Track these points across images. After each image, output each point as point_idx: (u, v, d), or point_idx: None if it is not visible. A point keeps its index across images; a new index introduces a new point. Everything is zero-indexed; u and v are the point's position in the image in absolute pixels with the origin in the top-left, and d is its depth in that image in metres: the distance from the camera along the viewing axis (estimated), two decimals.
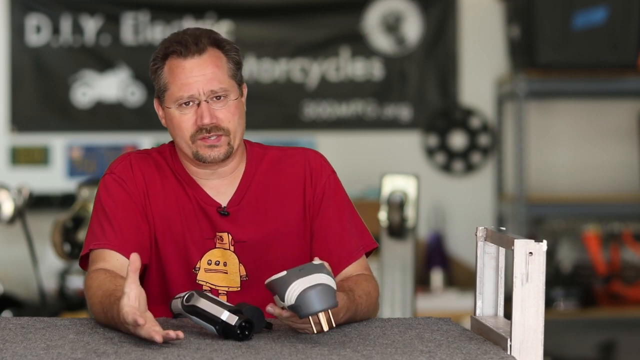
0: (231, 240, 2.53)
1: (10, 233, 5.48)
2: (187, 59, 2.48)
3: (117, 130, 6.33)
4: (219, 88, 2.48)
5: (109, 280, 2.37)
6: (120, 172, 2.55)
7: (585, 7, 5.86)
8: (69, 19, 6.29)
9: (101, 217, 2.50)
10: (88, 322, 2.36)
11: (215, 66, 2.49)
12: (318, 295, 2.11)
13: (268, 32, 6.40)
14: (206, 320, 2.18)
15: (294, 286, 2.12)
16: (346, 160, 6.24)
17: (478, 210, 6.38)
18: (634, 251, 6.29)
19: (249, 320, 2.15)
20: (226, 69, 2.51)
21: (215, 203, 2.55)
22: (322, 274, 2.14)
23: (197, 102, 2.48)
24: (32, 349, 2.07)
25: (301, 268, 2.15)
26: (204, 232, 2.53)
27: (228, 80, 2.51)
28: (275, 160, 2.63)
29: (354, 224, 2.62)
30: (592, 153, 6.44)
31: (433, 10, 6.41)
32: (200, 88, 2.47)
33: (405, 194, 4.62)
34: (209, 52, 2.50)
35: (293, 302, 2.12)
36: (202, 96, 2.47)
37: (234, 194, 2.56)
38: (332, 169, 2.69)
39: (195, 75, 2.47)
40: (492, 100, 6.45)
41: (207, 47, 2.50)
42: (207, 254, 2.53)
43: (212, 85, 2.47)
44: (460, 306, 5.53)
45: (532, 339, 2.07)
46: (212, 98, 2.48)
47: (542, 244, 2.06)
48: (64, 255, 4.19)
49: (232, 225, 2.53)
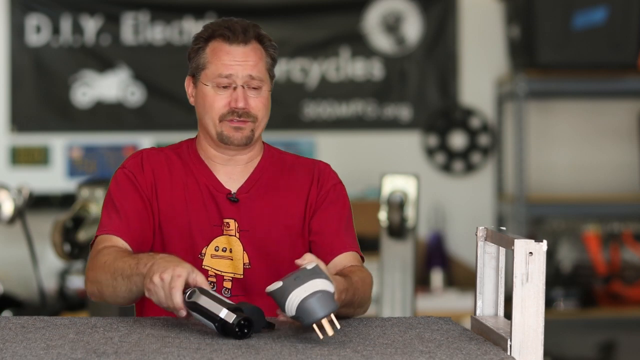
0: (237, 228, 2.59)
1: (10, 233, 5.49)
2: (232, 45, 2.60)
3: (117, 130, 6.33)
4: (257, 76, 2.59)
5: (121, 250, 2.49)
6: (130, 167, 2.65)
7: (585, 7, 5.87)
8: (69, 19, 6.29)
9: (109, 208, 2.61)
10: (88, 321, 2.36)
11: (257, 57, 2.61)
12: (317, 303, 2.12)
13: (268, 32, 6.38)
14: (206, 317, 2.19)
15: (292, 297, 2.13)
16: (346, 160, 6.24)
17: (478, 210, 6.38)
18: (634, 251, 6.29)
19: (248, 318, 2.15)
20: (264, 63, 2.62)
21: (225, 190, 2.63)
22: (317, 280, 2.15)
23: (233, 86, 2.58)
24: (31, 349, 2.07)
25: (296, 276, 2.16)
26: (211, 219, 2.60)
27: (265, 73, 2.62)
28: (289, 161, 2.72)
29: (350, 231, 2.68)
30: (592, 153, 6.44)
31: (433, 10, 6.41)
32: (240, 71, 2.58)
33: (405, 194, 4.62)
34: (253, 44, 2.62)
35: (294, 314, 2.12)
36: (239, 80, 2.58)
37: (245, 182, 2.65)
38: (340, 180, 2.74)
39: (238, 60, 2.58)
40: (492, 100, 6.45)
41: (251, 39, 2.62)
42: (214, 241, 2.59)
43: (251, 71, 2.58)
44: (460, 306, 5.53)
45: (532, 339, 2.06)
46: (248, 86, 2.59)
47: (542, 244, 2.06)
48: (64, 255, 4.19)
49: (238, 212, 2.60)
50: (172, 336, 2.20)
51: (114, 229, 2.55)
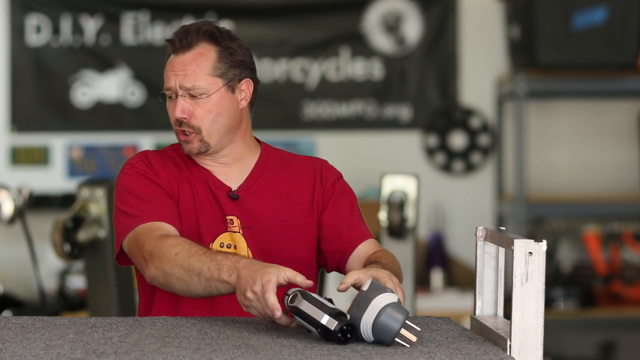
0: (240, 224, 2.60)
1: (10, 233, 5.49)
2: (175, 54, 2.59)
3: (117, 130, 6.33)
4: (192, 86, 2.56)
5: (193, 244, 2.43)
6: (138, 165, 2.63)
7: (585, 7, 5.86)
8: (69, 19, 6.29)
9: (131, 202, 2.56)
10: (87, 321, 2.36)
11: (195, 64, 2.57)
12: (388, 319, 2.10)
13: (268, 32, 6.40)
14: (308, 322, 2.17)
15: (364, 325, 2.11)
16: (346, 160, 6.23)
17: (478, 210, 6.38)
18: (634, 251, 6.29)
19: (350, 323, 2.13)
20: (209, 67, 2.57)
21: (225, 187, 2.64)
22: (378, 297, 2.12)
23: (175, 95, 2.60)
24: (31, 349, 2.07)
25: (358, 303, 2.14)
26: (215, 215, 2.60)
27: (208, 79, 2.57)
28: (287, 159, 2.73)
29: (362, 219, 2.71)
30: (592, 153, 6.44)
31: (433, 10, 6.41)
32: (176, 82, 2.57)
33: (405, 194, 4.62)
34: (197, 48, 2.58)
35: (373, 339, 2.12)
36: (179, 90, 2.57)
37: (245, 180, 2.65)
38: (340, 173, 2.77)
39: (176, 70, 2.57)
40: (492, 100, 6.45)
41: (194, 44, 2.57)
42: (220, 237, 2.60)
43: (185, 82, 2.56)
44: (460, 306, 5.53)
45: (531, 339, 2.06)
46: (190, 95, 2.57)
47: (542, 244, 2.06)
48: (64, 255, 4.18)
49: (240, 209, 2.61)
50: (172, 336, 2.19)
51: (155, 216, 2.51)
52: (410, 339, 2.11)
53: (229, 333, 2.23)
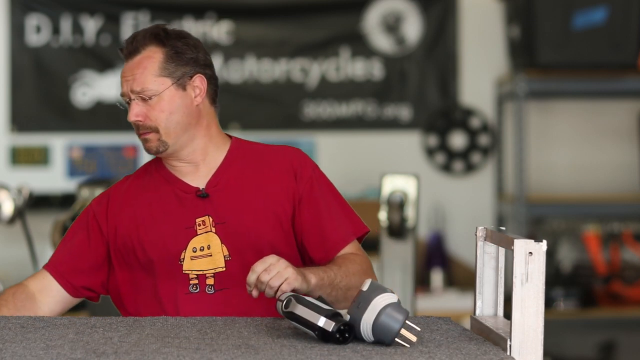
0: (212, 222, 2.61)
1: (10, 233, 5.48)
2: (127, 59, 2.67)
3: (117, 130, 6.32)
4: (141, 89, 2.61)
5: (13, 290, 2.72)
6: (94, 202, 2.74)
7: (585, 7, 5.86)
8: (69, 19, 6.29)
9: (64, 237, 2.81)
10: (87, 321, 2.36)
11: (142, 67, 2.63)
12: (387, 319, 2.10)
13: (268, 32, 6.40)
14: (305, 326, 2.17)
15: (363, 326, 2.12)
16: (346, 160, 6.24)
17: (478, 210, 6.38)
18: (634, 251, 6.29)
19: (347, 323, 2.13)
20: (156, 68, 2.62)
21: (193, 188, 2.65)
22: (377, 297, 2.13)
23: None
24: (31, 349, 2.07)
25: (358, 303, 2.14)
26: (183, 222, 2.62)
27: (156, 80, 2.61)
28: (259, 151, 2.73)
29: (342, 212, 2.70)
30: (592, 153, 6.44)
31: (433, 10, 6.41)
32: (128, 88, 2.64)
33: (405, 194, 4.62)
34: (144, 52, 2.64)
35: (373, 339, 2.12)
36: (131, 95, 2.64)
37: (213, 175, 2.67)
38: (315, 163, 2.76)
39: (126, 76, 2.65)
40: (492, 100, 6.45)
41: (140, 48, 2.64)
42: (191, 243, 2.61)
43: (135, 86, 2.62)
44: (460, 306, 5.53)
45: (531, 339, 2.06)
46: (142, 98, 2.62)
47: (542, 243, 2.06)
48: None
49: (211, 206, 2.62)
50: (172, 336, 2.19)
51: (50, 266, 2.80)
52: (410, 339, 2.11)
53: (229, 333, 2.23)
